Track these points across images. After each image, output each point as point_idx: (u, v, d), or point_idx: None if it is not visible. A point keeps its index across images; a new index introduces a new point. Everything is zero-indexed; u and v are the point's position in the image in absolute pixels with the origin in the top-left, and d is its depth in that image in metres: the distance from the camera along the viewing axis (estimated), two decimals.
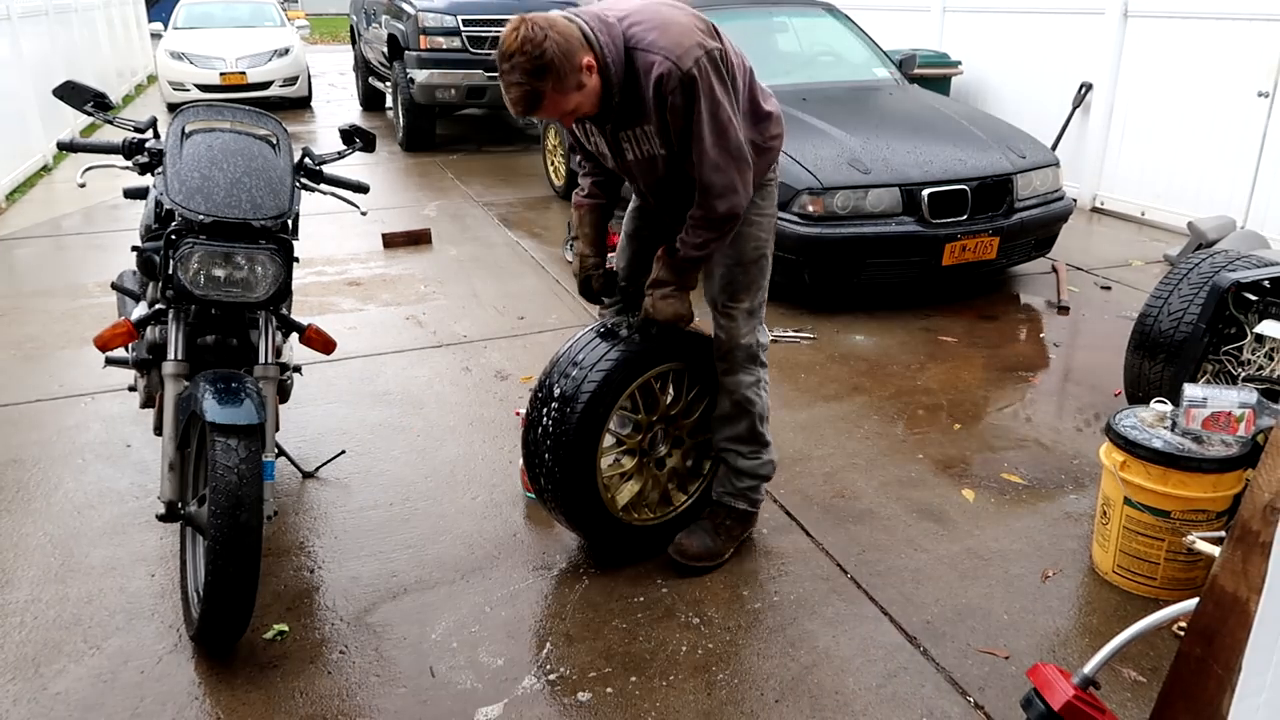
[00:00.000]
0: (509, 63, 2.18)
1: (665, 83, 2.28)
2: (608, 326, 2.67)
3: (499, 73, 2.23)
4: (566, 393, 2.54)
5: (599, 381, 2.52)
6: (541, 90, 2.20)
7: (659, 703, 2.29)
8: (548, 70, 2.17)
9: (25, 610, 2.60)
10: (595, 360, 2.55)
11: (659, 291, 2.59)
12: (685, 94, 2.31)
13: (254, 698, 2.30)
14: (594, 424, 2.54)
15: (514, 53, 2.16)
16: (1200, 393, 2.56)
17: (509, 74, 2.19)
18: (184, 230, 2.46)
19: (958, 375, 4.20)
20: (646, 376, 2.64)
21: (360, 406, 3.86)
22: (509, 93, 2.23)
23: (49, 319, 4.80)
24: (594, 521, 2.68)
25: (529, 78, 2.18)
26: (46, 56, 9.11)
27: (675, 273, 2.56)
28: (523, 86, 2.19)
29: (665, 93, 2.29)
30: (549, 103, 2.24)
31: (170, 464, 2.43)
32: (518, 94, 2.22)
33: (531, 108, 2.24)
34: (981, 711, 2.28)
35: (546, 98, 2.22)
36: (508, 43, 2.17)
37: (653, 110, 2.34)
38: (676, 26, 2.32)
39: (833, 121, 5.21)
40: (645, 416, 2.73)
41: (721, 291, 2.69)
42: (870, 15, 8.82)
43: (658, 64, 2.27)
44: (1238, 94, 6.08)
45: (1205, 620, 1.72)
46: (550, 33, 2.17)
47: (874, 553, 2.90)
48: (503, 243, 6.29)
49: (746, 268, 2.66)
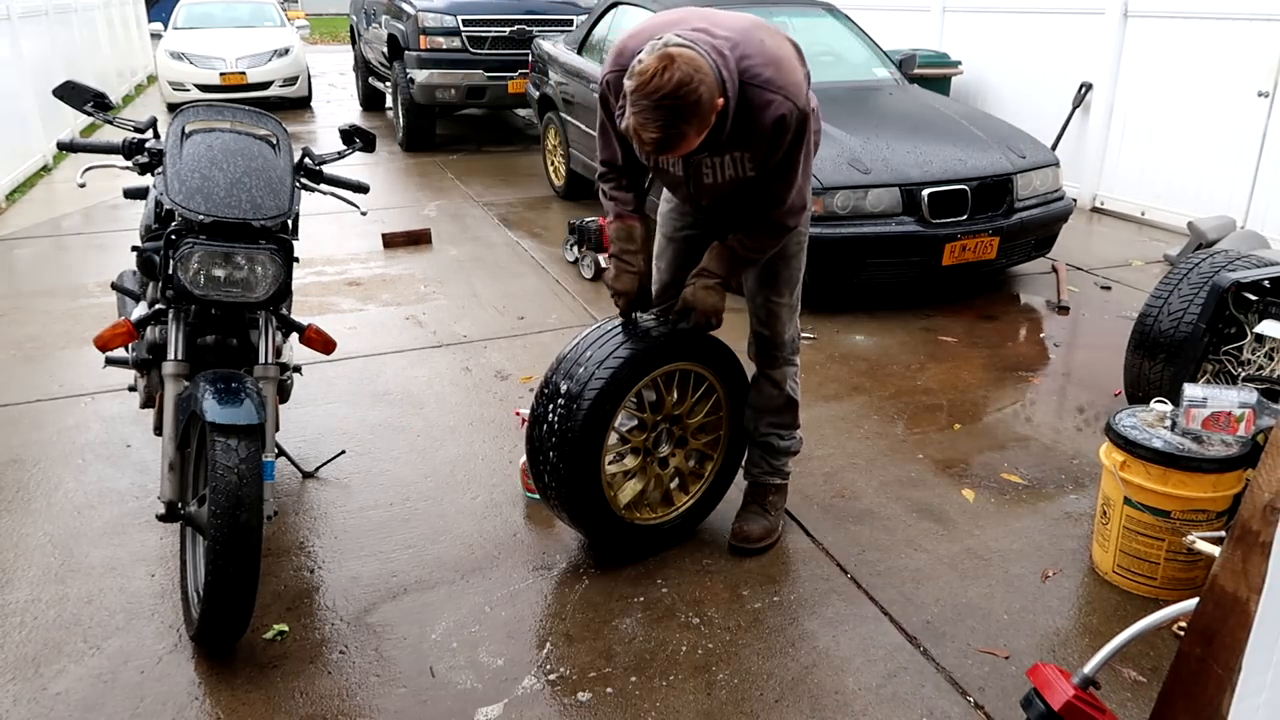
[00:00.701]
0: (655, 103, 2.09)
1: (786, 121, 2.30)
2: (615, 325, 2.68)
3: (635, 109, 2.13)
4: (573, 390, 2.54)
5: (606, 379, 2.52)
6: (686, 134, 2.15)
7: (659, 703, 2.29)
8: (695, 115, 2.13)
9: (25, 610, 2.60)
10: (603, 358, 2.55)
11: (704, 281, 2.58)
12: (798, 131, 2.35)
13: (254, 698, 2.30)
14: (600, 421, 2.54)
15: (667, 95, 2.08)
16: (1200, 393, 2.56)
17: (653, 113, 2.11)
18: (184, 230, 2.46)
19: (958, 375, 4.20)
20: (654, 375, 2.64)
21: (360, 406, 3.86)
22: (648, 132, 2.14)
23: (49, 319, 4.80)
24: (596, 520, 2.68)
25: (679, 122, 2.12)
26: (46, 56, 9.10)
27: (728, 266, 2.57)
28: (671, 130, 2.13)
29: (784, 130, 2.32)
30: (686, 143, 2.19)
31: (170, 464, 2.43)
32: (661, 136, 2.14)
33: (671, 146, 2.18)
34: (981, 711, 2.28)
35: (688, 138, 2.17)
36: (657, 82, 2.08)
37: (764, 143, 2.35)
38: (787, 62, 2.33)
39: (833, 121, 5.21)
40: (650, 416, 2.74)
41: (766, 286, 2.75)
42: (870, 15, 8.82)
43: (778, 104, 2.28)
44: (1238, 94, 6.08)
45: (1205, 620, 1.72)
46: (699, 76, 2.11)
47: (874, 553, 2.90)
48: (503, 243, 6.29)
49: (789, 261, 2.74)
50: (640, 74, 2.11)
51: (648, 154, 2.25)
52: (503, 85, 8.89)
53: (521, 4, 9.05)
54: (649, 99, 2.10)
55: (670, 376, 2.72)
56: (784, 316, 2.79)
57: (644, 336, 2.60)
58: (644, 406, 2.72)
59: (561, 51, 7.14)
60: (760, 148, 2.37)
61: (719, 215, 2.67)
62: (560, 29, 8.83)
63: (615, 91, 2.42)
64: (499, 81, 8.88)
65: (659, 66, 2.09)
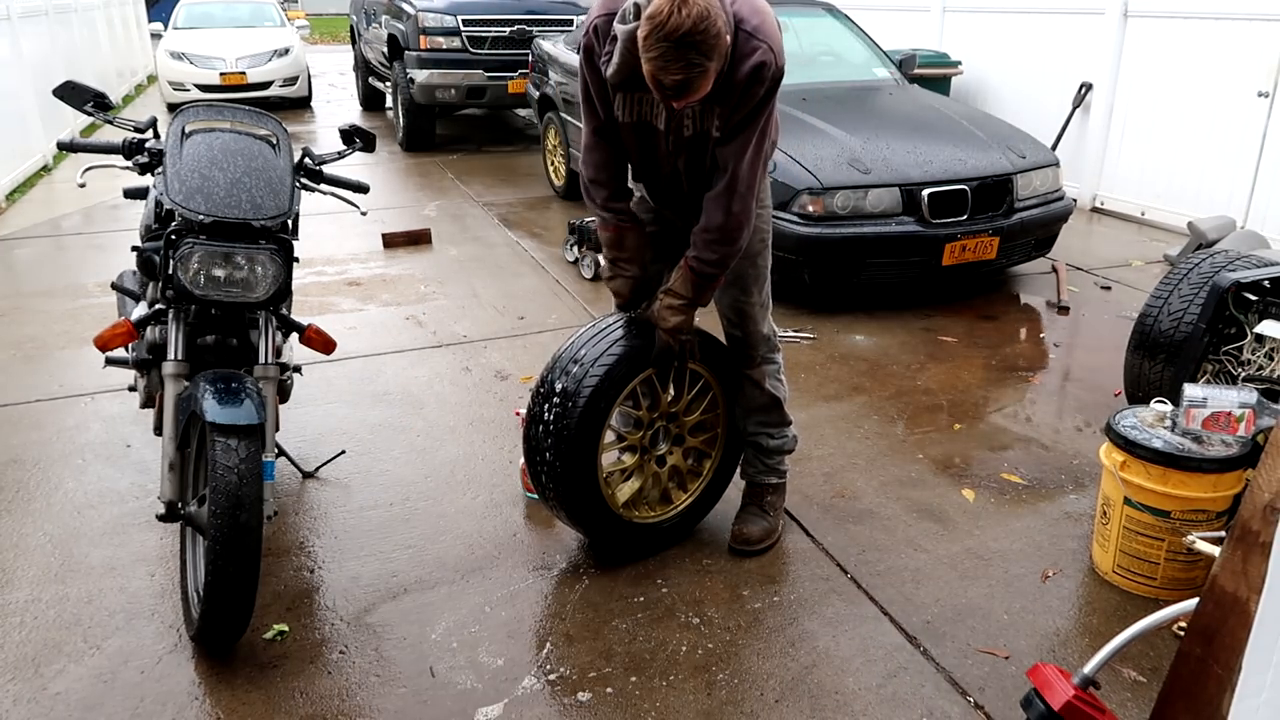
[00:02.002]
0: (677, 42, 2.03)
1: (763, 71, 2.26)
2: (610, 322, 2.67)
3: (654, 53, 2.07)
4: (568, 388, 2.54)
5: (600, 376, 2.52)
6: (708, 71, 2.10)
7: (659, 703, 2.29)
8: (715, 50, 2.08)
9: (25, 610, 2.60)
10: (597, 356, 2.55)
11: (669, 300, 2.55)
12: (769, 89, 2.31)
13: (254, 698, 2.30)
14: (596, 419, 2.54)
15: (688, 33, 2.03)
16: (1200, 393, 2.56)
17: (675, 54, 2.05)
18: (184, 230, 2.46)
19: (958, 375, 4.20)
20: (649, 373, 2.64)
21: (360, 406, 3.86)
22: (670, 74, 2.08)
23: (49, 319, 4.80)
24: (595, 518, 2.68)
25: (703, 60, 2.07)
26: (46, 56, 9.11)
27: (694, 290, 2.53)
28: (694, 70, 2.07)
29: (759, 80, 2.28)
30: (704, 86, 2.14)
31: (170, 464, 2.43)
32: (684, 78, 2.08)
33: (693, 90, 2.12)
34: (981, 711, 2.28)
35: (708, 79, 2.12)
36: (676, 20, 2.02)
37: (736, 94, 2.30)
38: (770, 18, 2.31)
39: (833, 121, 5.22)
40: (647, 414, 2.74)
41: (733, 287, 2.70)
42: (870, 15, 8.82)
43: (761, 51, 2.25)
44: (1237, 94, 6.08)
45: (1205, 620, 1.72)
46: (713, 9, 2.06)
47: (874, 553, 2.90)
48: (503, 243, 6.29)
49: (754, 260, 2.70)
50: (654, 16, 2.05)
51: (670, 98, 2.16)
52: (503, 85, 8.89)
53: (521, 4, 9.05)
54: (669, 40, 2.04)
55: (667, 374, 2.72)
56: (756, 316, 2.75)
57: (639, 334, 2.60)
58: (640, 405, 2.72)
59: (561, 51, 7.14)
60: (731, 100, 2.32)
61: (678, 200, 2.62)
62: (560, 29, 8.83)
63: (603, 38, 2.36)
64: (499, 81, 8.88)
65: (673, 6, 2.04)
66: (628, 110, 2.46)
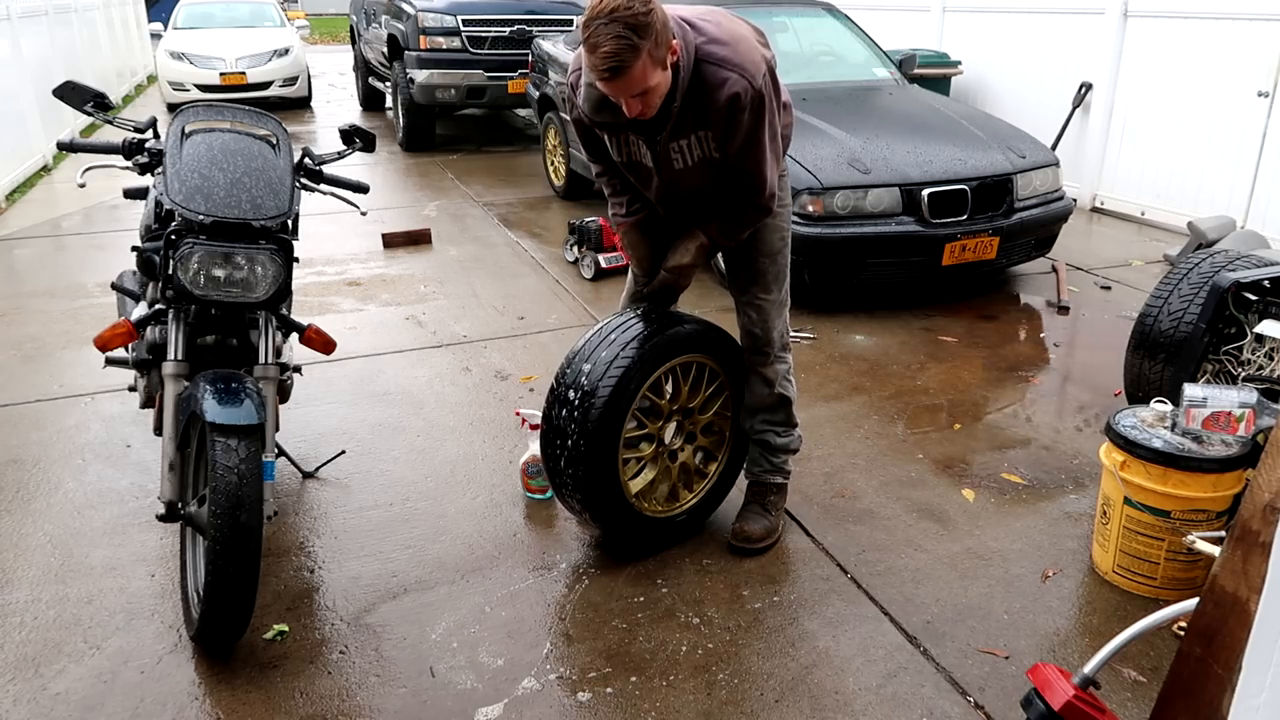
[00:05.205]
0: (607, 18, 2.10)
1: (740, 100, 2.32)
2: (634, 314, 2.74)
3: (588, 33, 2.13)
4: (596, 371, 2.59)
5: (632, 358, 2.58)
6: (639, 49, 2.12)
7: (659, 703, 2.29)
8: (649, 30, 2.12)
9: (25, 610, 2.60)
10: (630, 339, 2.62)
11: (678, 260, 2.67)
12: (755, 110, 2.37)
13: (254, 698, 2.30)
14: (623, 403, 2.58)
15: (616, 7, 2.09)
16: (1200, 393, 2.56)
17: (606, 28, 2.10)
18: (184, 230, 2.46)
19: (958, 375, 4.20)
20: (675, 363, 2.70)
21: (360, 406, 3.86)
22: (603, 47, 2.11)
23: (49, 319, 4.80)
24: (610, 506, 2.69)
25: (630, 31, 2.10)
26: (46, 56, 9.11)
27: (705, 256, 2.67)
28: (623, 40, 2.10)
29: (739, 109, 2.34)
30: (639, 69, 2.15)
31: (170, 464, 2.43)
32: (613, 47, 2.11)
33: (624, 65, 2.13)
34: (981, 711, 2.28)
35: (640, 59, 2.14)
36: (606, 3, 2.10)
37: (721, 121, 2.37)
38: (744, 42, 2.37)
39: (833, 121, 5.21)
40: (666, 404, 2.78)
41: (753, 284, 2.78)
42: (870, 15, 8.83)
43: (732, 81, 2.30)
44: (1238, 94, 6.08)
45: (1205, 620, 1.72)
46: (653, 3, 2.14)
47: (874, 553, 2.90)
48: (503, 243, 6.29)
49: (774, 258, 2.77)
50: (593, 3, 2.15)
51: (604, 76, 2.17)
52: (503, 85, 8.89)
53: (521, 4, 9.05)
54: (600, 16, 2.11)
55: (686, 368, 2.78)
56: (773, 314, 2.81)
57: (663, 327, 2.67)
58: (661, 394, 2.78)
59: (561, 51, 7.14)
60: (719, 126, 2.39)
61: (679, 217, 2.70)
62: (560, 29, 8.83)
63: (578, 88, 2.50)
64: (499, 81, 8.88)
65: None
66: (618, 150, 2.58)
